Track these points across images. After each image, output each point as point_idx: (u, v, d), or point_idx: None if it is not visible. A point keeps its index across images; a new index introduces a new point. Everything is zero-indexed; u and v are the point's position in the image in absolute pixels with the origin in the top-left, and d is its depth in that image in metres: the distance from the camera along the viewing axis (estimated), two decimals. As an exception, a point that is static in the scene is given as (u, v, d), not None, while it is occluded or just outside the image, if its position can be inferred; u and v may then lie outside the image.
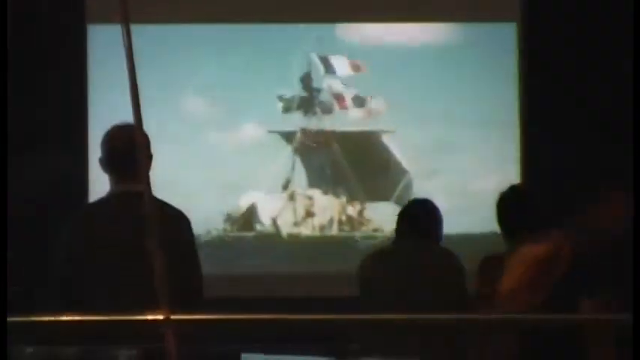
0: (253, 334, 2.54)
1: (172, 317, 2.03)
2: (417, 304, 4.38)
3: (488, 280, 4.26)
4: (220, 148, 6.80)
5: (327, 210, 6.94)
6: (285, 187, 6.89)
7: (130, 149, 3.34)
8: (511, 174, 6.63)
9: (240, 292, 6.36)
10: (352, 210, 6.94)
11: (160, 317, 2.05)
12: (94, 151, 4.03)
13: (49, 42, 6.60)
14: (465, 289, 4.58)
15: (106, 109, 6.29)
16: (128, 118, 2.14)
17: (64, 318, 2.54)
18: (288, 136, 6.89)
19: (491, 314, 3.74)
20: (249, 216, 6.87)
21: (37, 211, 6.09)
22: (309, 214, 6.92)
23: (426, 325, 2.84)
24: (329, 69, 6.89)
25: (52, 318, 2.50)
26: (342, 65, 6.88)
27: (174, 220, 3.65)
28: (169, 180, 6.48)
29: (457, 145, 6.83)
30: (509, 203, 4.40)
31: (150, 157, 3.54)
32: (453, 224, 5.16)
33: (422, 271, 4.58)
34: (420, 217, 4.73)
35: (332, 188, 6.95)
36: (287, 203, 6.90)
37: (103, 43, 6.54)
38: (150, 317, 2.29)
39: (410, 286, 4.51)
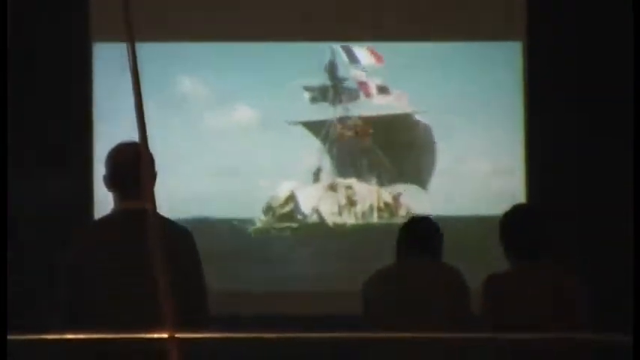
0: (261, 352, 2.53)
1: (177, 335, 2.03)
2: (422, 321, 4.36)
3: (493, 299, 4.25)
4: (251, 139, 6.82)
5: (366, 198, 6.99)
6: (317, 176, 6.93)
7: (134, 167, 3.33)
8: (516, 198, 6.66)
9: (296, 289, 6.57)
10: (388, 196, 6.98)
11: (165, 335, 2.04)
12: (99, 169, 4.02)
13: (54, 60, 6.62)
14: (468, 306, 4.56)
15: (111, 127, 6.30)
16: (136, 136, 2.14)
17: (68, 336, 2.53)
18: (318, 126, 6.94)
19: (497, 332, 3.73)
20: (290, 206, 6.92)
21: (42, 230, 6.09)
22: (352, 202, 6.98)
23: (433, 342, 2.84)
24: (352, 59, 6.93)
25: (56, 336, 2.49)
26: (364, 55, 6.93)
27: (179, 238, 3.64)
28: (194, 171, 6.64)
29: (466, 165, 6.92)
30: (512, 222, 4.39)
31: (154, 175, 3.53)
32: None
33: (426, 289, 4.56)
34: (421, 233, 4.71)
35: (367, 175, 7.01)
36: (327, 192, 6.96)
37: (108, 60, 6.55)
38: (155, 335, 2.28)
39: (414, 303, 4.49)
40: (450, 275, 4.63)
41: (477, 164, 6.88)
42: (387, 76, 6.93)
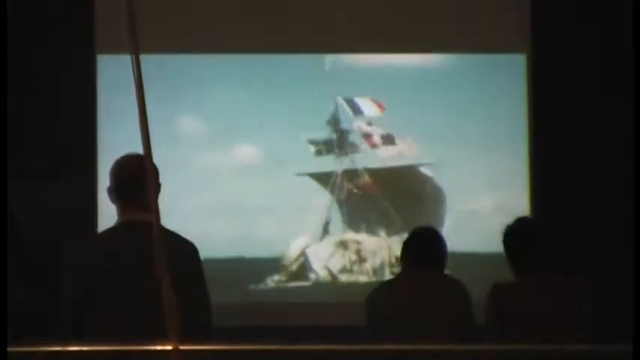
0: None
1: (181, 347, 2.03)
2: (425, 334, 4.35)
3: (498, 308, 4.24)
4: (258, 195, 6.77)
5: (376, 252, 6.90)
6: (327, 229, 6.85)
7: (138, 179, 3.33)
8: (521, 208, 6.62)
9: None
10: (399, 250, 6.82)
11: (169, 347, 2.04)
12: (103, 181, 4.02)
13: (59, 72, 6.62)
14: (472, 318, 4.55)
15: (115, 139, 6.30)
16: (141, 148, 2.14)
17: (71, 348, 2.53)
18: (325, 180, 6.89)
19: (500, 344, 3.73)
20: (301, 264, 6.85)
21: (46, 240, 6.09)
22: (362, 258, 6.89)
23: (436, 356, 2.83)
24: (355, 110, 6.92)
25: (58, 348, 2.49)
26: (366, 105, 6.91)
27: (183, 250, 3.63)
28: (203, 230, 6.50)
29: (471, 174, 6.86)
30: (517, 233, 4.39)
31: (158, 186, 3.53)
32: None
33: (428, 302, 4.54)
34: (424, 246, 4.69)
35: (376, 228, 6.92)
36: (336, 249, 6.87)
37: (112, 73, 6.55)
38: (159, 347, 2.28)
39: (416, 316, 4.48)
40: (452, 287, 4.61)
41: (485, 203, 6.78)
42: (390, 121, 6.85)
